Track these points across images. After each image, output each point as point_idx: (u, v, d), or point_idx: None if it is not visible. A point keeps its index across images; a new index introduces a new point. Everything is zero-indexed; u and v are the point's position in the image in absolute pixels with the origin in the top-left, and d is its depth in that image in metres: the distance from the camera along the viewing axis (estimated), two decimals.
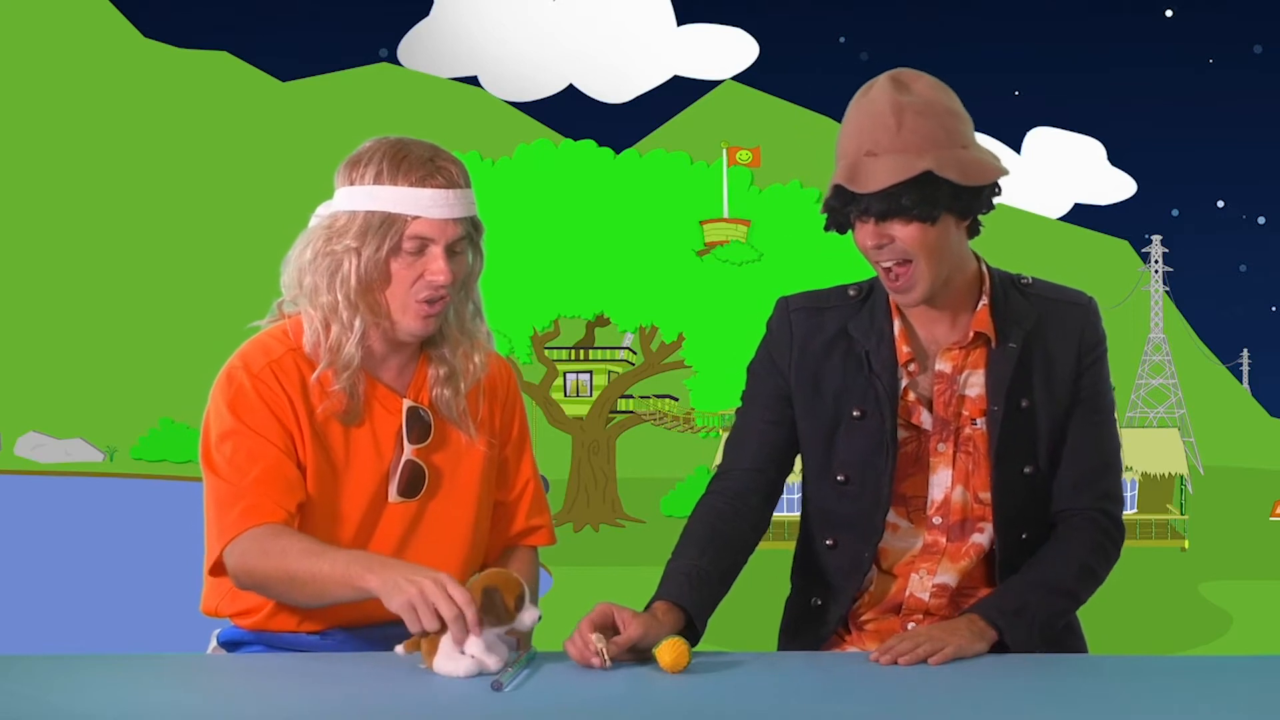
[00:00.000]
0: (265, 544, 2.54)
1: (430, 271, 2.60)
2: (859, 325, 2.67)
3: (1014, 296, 2.67)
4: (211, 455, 2.63)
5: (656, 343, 35.28)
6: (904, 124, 2.49)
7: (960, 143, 2.52)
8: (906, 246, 2.53)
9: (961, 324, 2.65)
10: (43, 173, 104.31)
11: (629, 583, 5.92)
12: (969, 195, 2.53)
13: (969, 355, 2.64)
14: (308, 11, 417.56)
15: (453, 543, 2.73)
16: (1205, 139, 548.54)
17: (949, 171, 2.49)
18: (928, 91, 2.53)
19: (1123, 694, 2.25)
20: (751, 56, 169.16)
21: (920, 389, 2.65)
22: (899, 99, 2.51)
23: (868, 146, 2.51)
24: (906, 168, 2.48)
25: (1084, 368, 2.67)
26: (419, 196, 2.58)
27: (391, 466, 2.68)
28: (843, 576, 2.70)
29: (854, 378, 2.65)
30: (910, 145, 2.49)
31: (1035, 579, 2.60)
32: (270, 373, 2.63)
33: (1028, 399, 2.64)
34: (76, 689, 2.26)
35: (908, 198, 2.49)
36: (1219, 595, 27.28)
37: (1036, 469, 2.66)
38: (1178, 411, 66.72)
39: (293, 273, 2.66)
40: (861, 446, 2.65)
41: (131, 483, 51.99)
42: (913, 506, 2.68)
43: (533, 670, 2.34)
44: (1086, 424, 2.68)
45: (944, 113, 2.52)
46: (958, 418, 2.64)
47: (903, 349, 2.64)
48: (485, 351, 2.75)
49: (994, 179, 2.54)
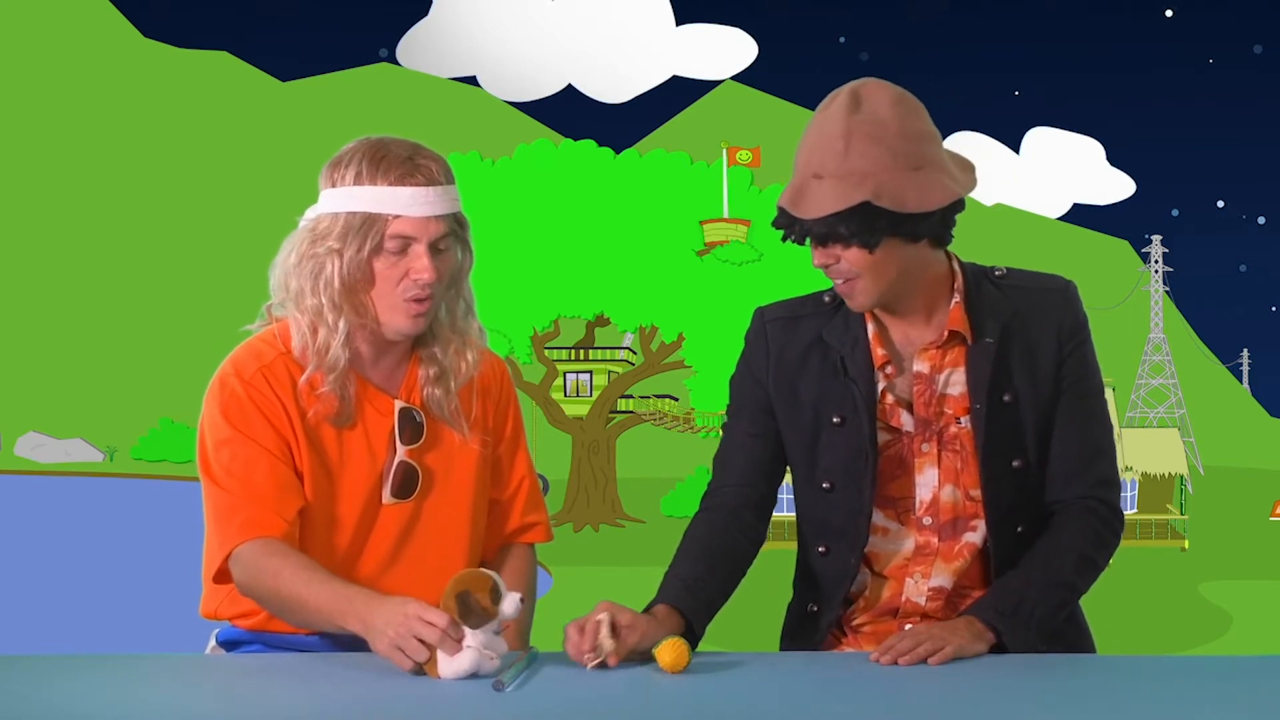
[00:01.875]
0: (261, 562, 2.55)
1: (414, 270, 2.60)
2: (834, 331, 2.66)
3: (987, 290, 2.65)
4: (209, 463, 2.64)
5: (656, 343, 35.28)
6: (851, 147, 2.47)
7: (912, 164, 2.49)
8: (851, 267, 2.53)
9: (936, 323, 2.64)
10: (43, 173, 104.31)
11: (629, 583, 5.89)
12: (913, 221, 2.50)
13: (946, 354, 2.63)
14: (308, 11, 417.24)
15: (450, 542, 2.73)
16: (1205, 139, 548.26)
17: (886, 201, 2.46)
18: (884, 110, 2.50)
19: (1123, 694, 2.25)
20: (750, 56, 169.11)
21: (898, 391, 2.64)
22: (850, 120, 2.48)
23: (815, 168, 2.50)
24: (844, 197, 2.46)
25: (1066, 354, 2.65)
26: (398, 195, 2.57)
27: (385, 468, 2.68)
28: (833, 583, 2.70)
29: (831, 384, 2.65)
30: (854, 170, 2.47)
31: (1031, 574, 2.59)
32: (262, 378, 2.63)
33: (1010, 393, 2.62)
34: (76, 689, 2.26)
35: (845, 226, 2.49)
36: (1219, 595, 27.29)
37: (1026, 462, 2.64)
38: (1178, 411, 66.71)
39: (279, 277, 2.66)
40: (843, 453, 2.64)
41: (131, 483, 51.96)
42: (900, 508, 2.67)
43: (533, 670, 2.34)
44: (1074, 410, 2.66)
45: (895, 135, 2.48)
46: (940, 417, 2.63)
47: (877, 352, 2.64)
48: (478, 349, 2.74)
49: (941, 204, 2.51)
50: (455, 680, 2.29)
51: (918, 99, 2.56)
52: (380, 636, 2.35)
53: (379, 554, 2.69)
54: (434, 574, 2.62)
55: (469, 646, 2.30)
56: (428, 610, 2.32)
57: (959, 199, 2.54)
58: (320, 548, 2.64)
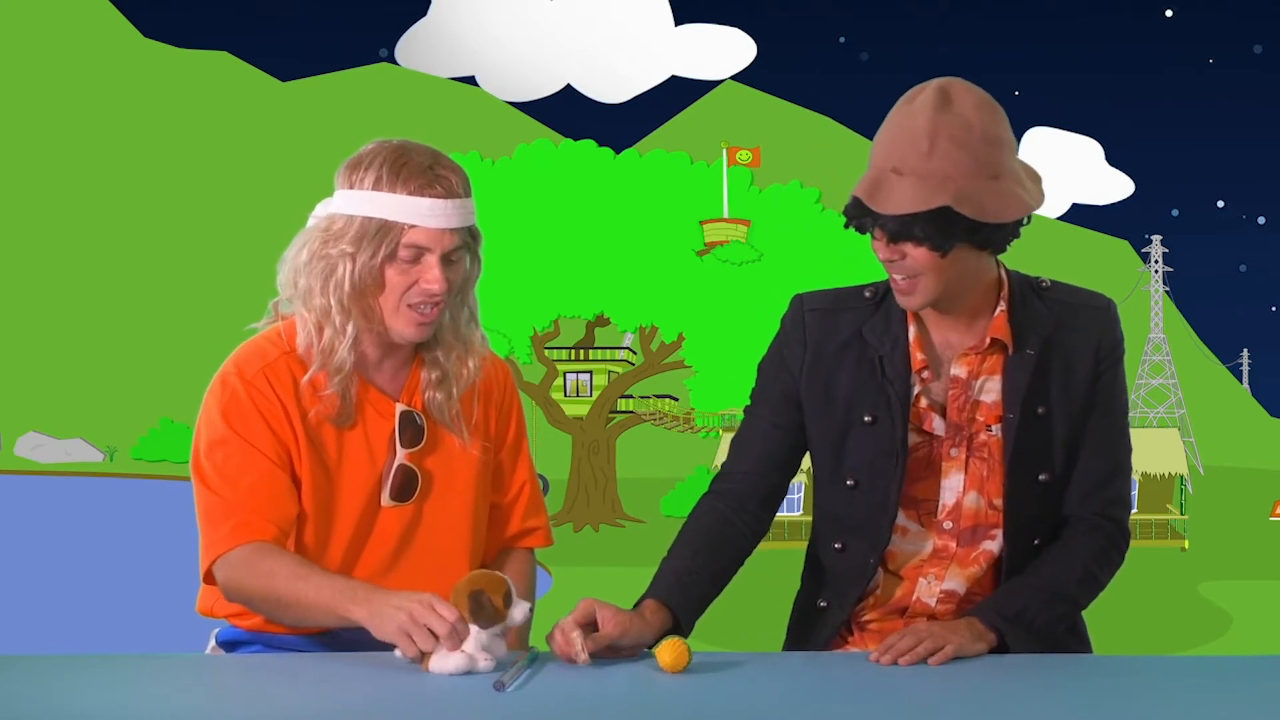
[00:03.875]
0: (254, 563, 2.54)
1: (425, 280, 2.59)
2: (873, 329, 2.64)
3: (1032, 301, 2.64)
4: (201, 464, 2.62)
5: (656, 343, 35.27)
6: (936, 148, 2.43)
7: (991, 172, 2.46)
8: (916, 265, 2.51)
9: (978, 329, 2.62)
10: (43, 173, 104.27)
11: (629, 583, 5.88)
12: (988, 230, 2.48)
13: (985, 361, 2.62)
14: (308, 11, 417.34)
15: (451, 545, 2.73)
16: (1205, 139, 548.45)
17: (966, 208, 2.44)
18: (971, 113, 2.46)
19: (1123, 694, 2.25)
20: (749, 57, 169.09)
21: (933, 395, 2.63)
22: (938, 119, 2.44)
23: (895, 162, 2.46)
24: (925, 199, 2.43)
25: (1101, 371, 2.65)
26: (417, 205, 2.57)
27: (384, 470, 2.68)
28: (848, 579, 2.69)
29: (866, 383, 2.63)
30: (936, 172, 2.43)
31: (1036, 583, 2.59)
32: (264, 378, 2.63)
33: (1044, 406, 2.61)
34: (76, 689, 2.26)
35: (921, 228, 2.46)
36: (1219, 595, 27.27)
37: (1052, 476, 2.63)
38: (1178, 411, 66.69)
39: (288, 273, 2.66)
40: (871, 452, 2.63)
41: (131, 483, 51.96)
42: (923, 510, 2.66)
43: (534, 670, 2.34)
44: (1100, 428, 2.65)
45: (980, 140, 2.45)
46: (971, 423, 2.62)
47: (917, 355, 2.62)
48: (480, 356, 2.75)
49: (1016, 216, 2.49)
50: (446, 676, 2.30)
51: (1000, 106, 2.53)
52: (389, 620, 2.34)
53: (379, 557, 2.68)
54: (434, 577, 2.62)
55: (465, 652, 2.31)
56: (441, 603, 2.33)
57: (1031, 212, 2.52)
58: (318, 549, 2.64)
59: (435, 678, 2.30)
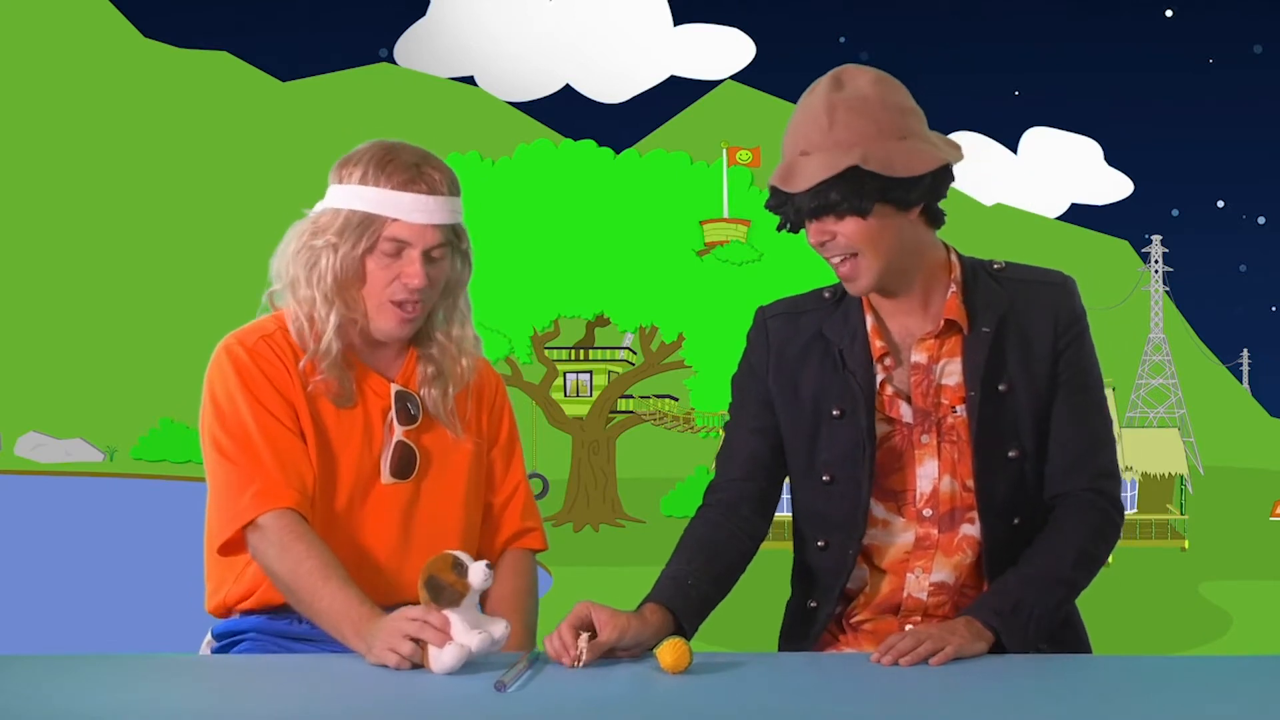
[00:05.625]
0: (285, 542, 2.56)
1: (405, 275, 2.64)
2: (833, 326, 2.68)
3: (985, 281, 2.67)
4: (216, 435, 2.65)
5: (656, 343, 35.28)
6: (835, 121, 2.51)
7: (896, 134, 2.52)
8: (848, 241, 2.55)
9: (933, 313, 2.65)
10: (43, 173, 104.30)
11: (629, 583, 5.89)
12: (903, 186, 2.53)
13: (943, 344, 2.65)
14: (307, 12, 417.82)
15: (449, 524, 2.75)
16: (1205, 139, 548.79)
17: (874, 164, 2.49)
18: (866, 87, 2.54)
19: (1123, 694, 2.25)
20: (748, 56, 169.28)
21: (897, 382, 2.66)
22: (833, 97, 2.53)
23: (801, 146, 2.54)
24: (832, 164, 2.50)
25: (1062, 347, 2.66)
26: (400, 200, 2.62)
27: (383, 448, 2.70)
28: (831, 576, 2.70)
29: (831, 378, 2.66)
30: (841, 141, 2.50)
31: (1030, 572, 2.59)
32: (266, 345, 2.68)
33: (1005, 382, 2.63)
34: (76, 689, 2.26)
35: (835, 192, 2.51)
36: (1219, 595, 27.30)
37: (1022, 452, 2.64)
38: (1178, 411, 66.72)
39: (278, 264, 2.72)
40: (843, 445, 2.65)
41: (131, 483, 51.98)
42: (901, 500, 2.67)
43: (535, 671, 2.34)
44: (1073, 404, 2.66)
45: (879, 106, 2.52)
46: (937, 407, 2.64)
47: (876, 344, 2.66)
48: (473, 358, 2.79)
49: (927, 169, 2.53)
50: (447, 676, 2.30)
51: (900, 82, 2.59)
52: (372, 653, 2.37)
53: (388, 536, 2.70)
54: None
55: (455, 640, 2.31)
56: (408, 609, 2.35)
57: (947, 166, 2.56)
58: (320, 525, 2.65)
59: (435, 677, 2.31)
